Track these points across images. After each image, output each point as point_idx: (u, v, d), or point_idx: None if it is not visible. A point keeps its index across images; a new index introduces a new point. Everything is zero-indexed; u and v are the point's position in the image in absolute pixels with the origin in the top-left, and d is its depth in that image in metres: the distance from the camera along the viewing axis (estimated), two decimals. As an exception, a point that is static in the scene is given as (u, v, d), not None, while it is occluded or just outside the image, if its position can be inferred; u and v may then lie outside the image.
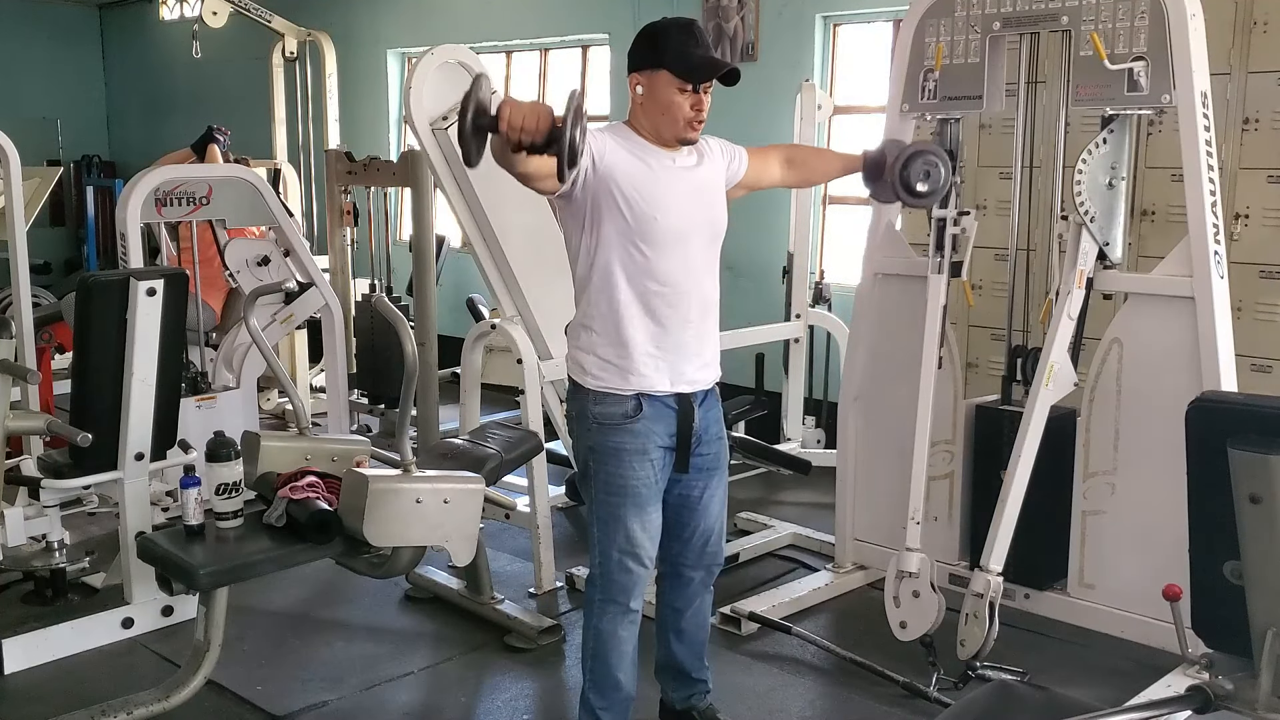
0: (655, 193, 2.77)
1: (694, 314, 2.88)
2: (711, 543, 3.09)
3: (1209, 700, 2.00)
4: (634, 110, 2.84)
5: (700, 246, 2.89)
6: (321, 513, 3.02)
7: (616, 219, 2.76)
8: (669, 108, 2.76)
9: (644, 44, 2.82)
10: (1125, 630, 3.57)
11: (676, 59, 2.74)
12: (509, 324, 4.17)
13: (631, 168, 2.76)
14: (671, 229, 2.79)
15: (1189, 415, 2.04)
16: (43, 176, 6.99)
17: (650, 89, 2.78)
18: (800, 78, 5.76)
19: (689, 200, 2.84)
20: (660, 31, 2.81)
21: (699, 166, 2.90)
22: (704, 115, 2.79)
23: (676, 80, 2.74)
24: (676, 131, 2.79)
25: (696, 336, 2.90)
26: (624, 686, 2.99)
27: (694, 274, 2.87)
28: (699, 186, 2.88)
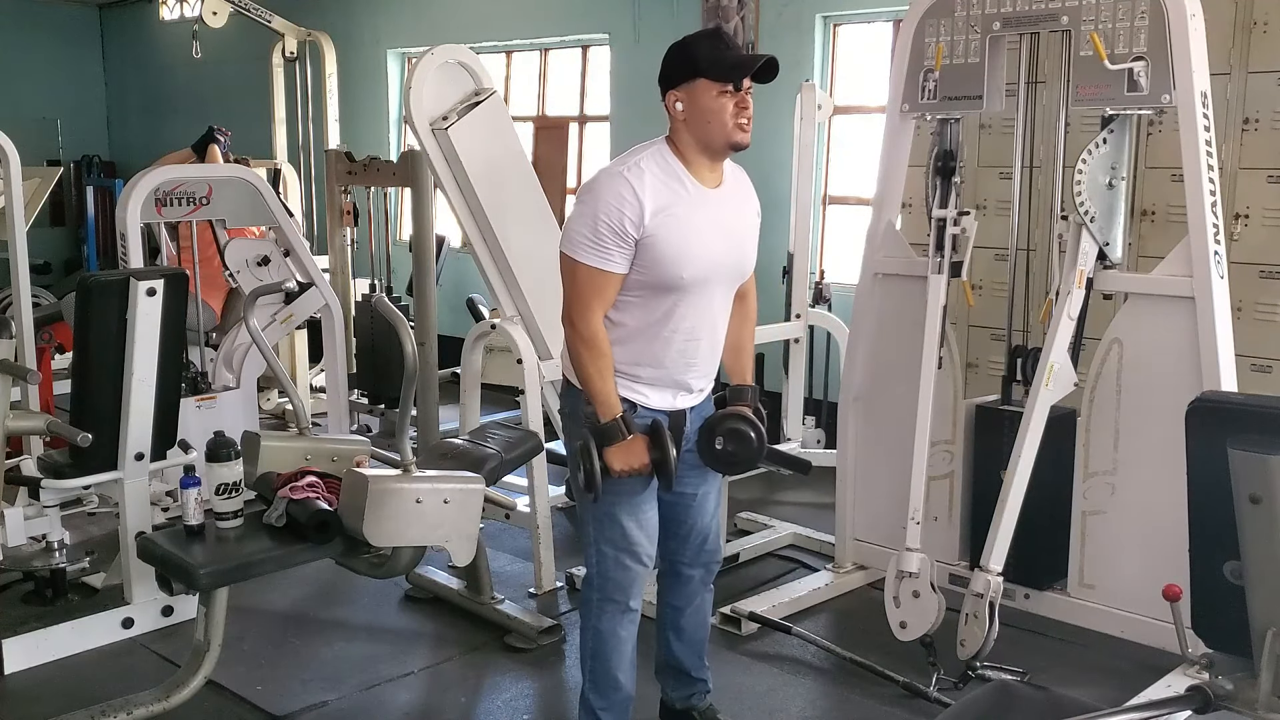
0: (688, 246, 2.71)
1: (700, 356, 2.87)
2: (709, 540, 3.09)
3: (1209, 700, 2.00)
4: (676, 129, 2.77)
5: (723, 290, 2.87)
6: (321, 513, 3.02)
7: (643, 269, 2.73)
8: (714, 114, 2.71)
9: (675, 58, 2.77)
10: (1125, 630, 3.57)
11: (712, 63, 2.70)
12: (509, 324, 4.17)
13: (669, 223, 2.69)
14: (697, 280, 2.76)
15: (1189, 415, 2.05)
16: (43, 176, 6.99)
17: (690, 100, 2.72)
18: (800, 78, 5.76)
19: (719, 245, 2.80)
20: (689, 43, 2.77)
21: (737, 207, 2.87)
22: (749, 113, 2.74)
23: (716, 84, 2.70)
24: (726, 136, 2.73)
25: (699, 372, 2.90)
26: (623, 686, 2.99)
27: (710, 318, 2.86)
28: (732, 229, 2.85)
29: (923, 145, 3.84)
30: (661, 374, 2.83)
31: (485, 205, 4.10)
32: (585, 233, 2.69)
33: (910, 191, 4.17)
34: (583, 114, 7.83)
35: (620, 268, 2.71)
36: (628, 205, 2.67)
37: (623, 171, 2.72)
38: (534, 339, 4.18)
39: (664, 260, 2.71)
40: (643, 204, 2.67)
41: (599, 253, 2.68)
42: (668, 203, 2.71)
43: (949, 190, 3.64)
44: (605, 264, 2.69)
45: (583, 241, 2.70)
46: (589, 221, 2.69)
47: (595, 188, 2.73)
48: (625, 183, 2.69)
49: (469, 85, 4.20)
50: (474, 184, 4.07)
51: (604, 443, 2.74)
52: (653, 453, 2.76)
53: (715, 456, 2.90)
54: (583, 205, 2.73)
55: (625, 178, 2.70)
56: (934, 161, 3.68)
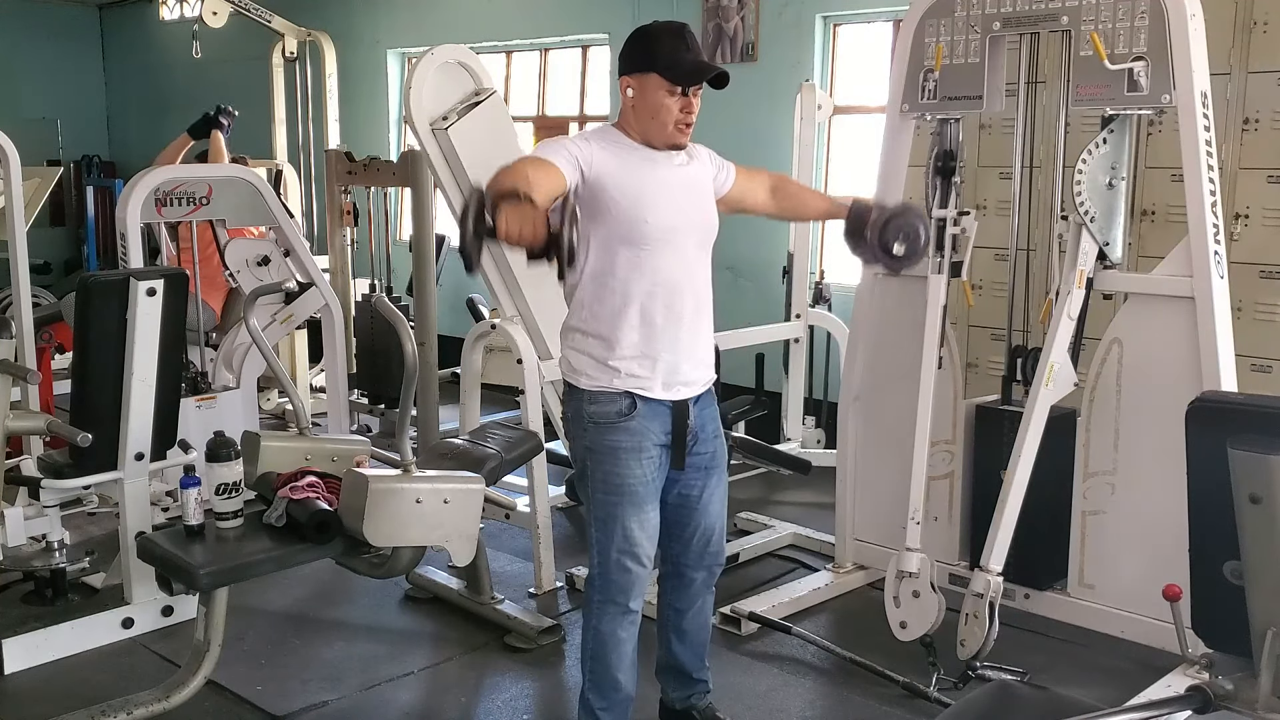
0: (645, 193, 2.78)
1: (688, 311, 2.88)
2: (713, 543, 3.09)
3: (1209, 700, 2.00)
4: (624, 112, 2.86)
5: (693, 246, 2.89)
6: (321, 513, 3.02)
7: (608, 222, 2.77)
8: (658, 110, 2.78)
9: (635, 47, 2.83)
10: (1125, 630, 3.57)
11: (667, 63, 2.76)
12: (509, 324, 4.17)
13: (620, 171, 2.78)
14: (663, 227, 2.80)
15: (1189, 415, 2.04)
16: (43, 176, 7.00)
17: (640, 91, 2.80)
18: (800, 78, 5.76)
19: (681, 199, 2.85)
20: (651, 35, 2.82)
21: (688, 166, 2.92)
22: (692, 118, 2.81)
23: (666, 84, 2.76)
24: (665, 136, 2.81)
25: (691, 334, 2.90)
26: (623, 687, 2.99)
27: (688, 273, 2.87)
28: (689, 185, 2.90)
29: (923, 145, 3.84)
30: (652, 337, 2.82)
31: (485, 205, 4.09)
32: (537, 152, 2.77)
33: (910, 191, 4.16)
34: (582, 114, 7.83)
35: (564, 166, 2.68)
36: (577, 145, 2.78)
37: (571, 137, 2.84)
38: (534, 339, 4.18)
39: (623, 204, 2.74)
40: (592, 148, 2.77)
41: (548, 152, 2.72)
42: (618, 159, 2.79)
43: (949, 190, 3.65)
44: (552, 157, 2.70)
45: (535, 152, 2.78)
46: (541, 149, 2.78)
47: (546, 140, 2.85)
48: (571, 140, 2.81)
49: (469, 85, 4.20)
50: (474, 184, 4.07)
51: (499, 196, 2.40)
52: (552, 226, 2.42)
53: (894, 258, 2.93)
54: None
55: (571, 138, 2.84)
56: (934, 161, 3.68)
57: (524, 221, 2.39)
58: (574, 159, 2.72)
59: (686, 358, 2.89)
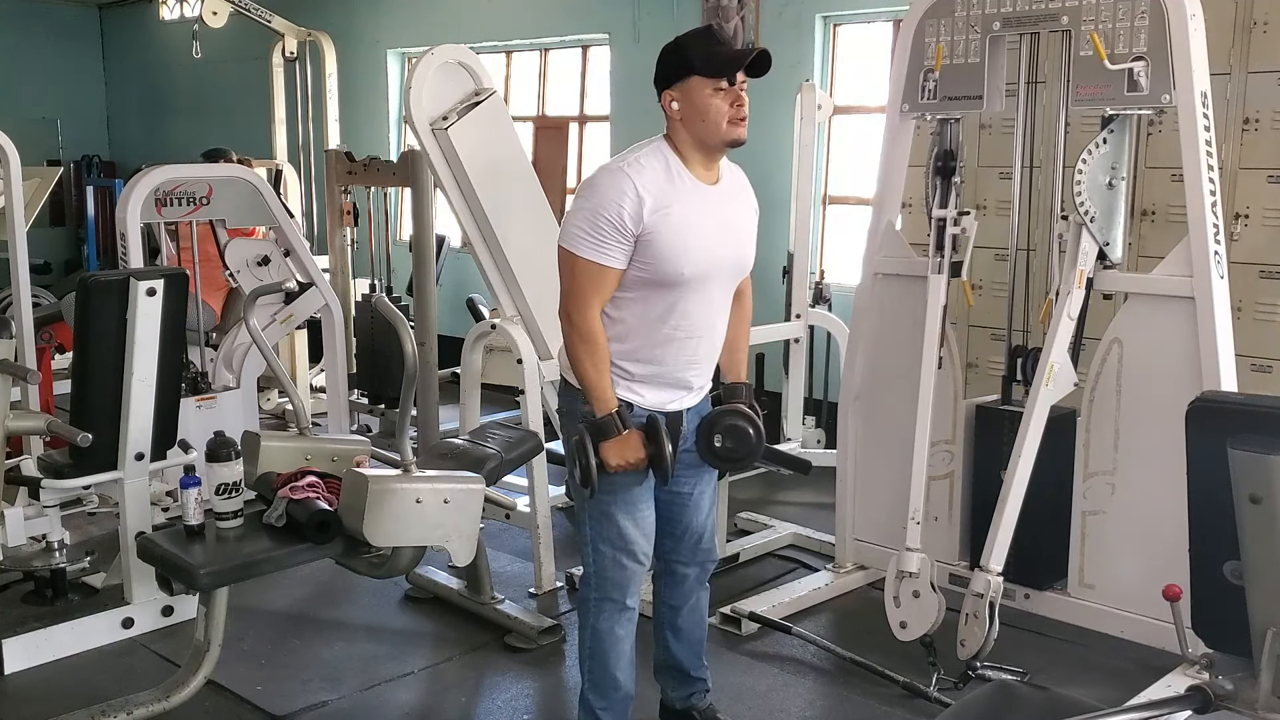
0: (687, 241, 2.71)
1: (701, 354, 2.87)
2: (704, 539, 3.09)
3: (1209, 700, 2.00)
4: (673, 128, 2.78)
5: (722, 286, 2.87)
6: (321, 513, 3.01)
7: (642, 266, 2.72)
8: (708, 111, 2.71)
9: (668, 58, 2.78)
10: (1125, 630, 3.57)
11: (705, 60, 2.71)
12: (509, 324, 4.17)
13: (665, 218, 2.69)
14: (698, 277, 2.76)
15: (1189, 415, 2.04)
16: (43, 176, 7.00)
17: (685, 98, 2.73)
18: (800, 78, 5.76)
19: (719, 241, 2.80)
20: (682, 42, 2.79)
21: (735, 202, 2.87)
22: (744, 111, 2.75)
23: (709, 80, 2.71)
24: (722, 134, 2.74)
25: (699, 371, 2.90)
26: (623, 685, 2.99)
27: (710, 314, 2.86)
28: (731, 224, 2.85)
29: (923, 145, 3.84)
30: (660, 371, 2.83)
31: (485, 205, 4.10)
32: (585, 227, 2.69)
33: (910, 191, 4.17)
34: (583, 114, 7.83)
35: (619, 263, 2.70)
36: (628, 200, 2.67)
37: (623, 167, 2.72)
38: (534, 339, 4.18)
39: (664, 257, 2.70)
40: (642, 200, 2.67)
41: (598, 248, 2.68)
42: (667, 199, 2.71)
43: (949, 190, 3.64)
44: (604, 259, 2.69)
45: (582, 236, 2.70)
46: (589, 216, 2.69)
47: (595, 183, 2.73)
48: (626, 178, 2.69)
49: (469, 85, 4.20)
50: (474, 184, 4.07)
51: (600, 438, 2.73)
52: (648, 448, 2.75)
53: (715, 454, 2.90)
54: (582, 200, 2.73)
55: (626, 173, 2.70)
56: (934, 161, 3.68)
57: (628, 455, 2.74)
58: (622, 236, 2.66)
59: (688, 385, 2.89)
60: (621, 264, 2.71)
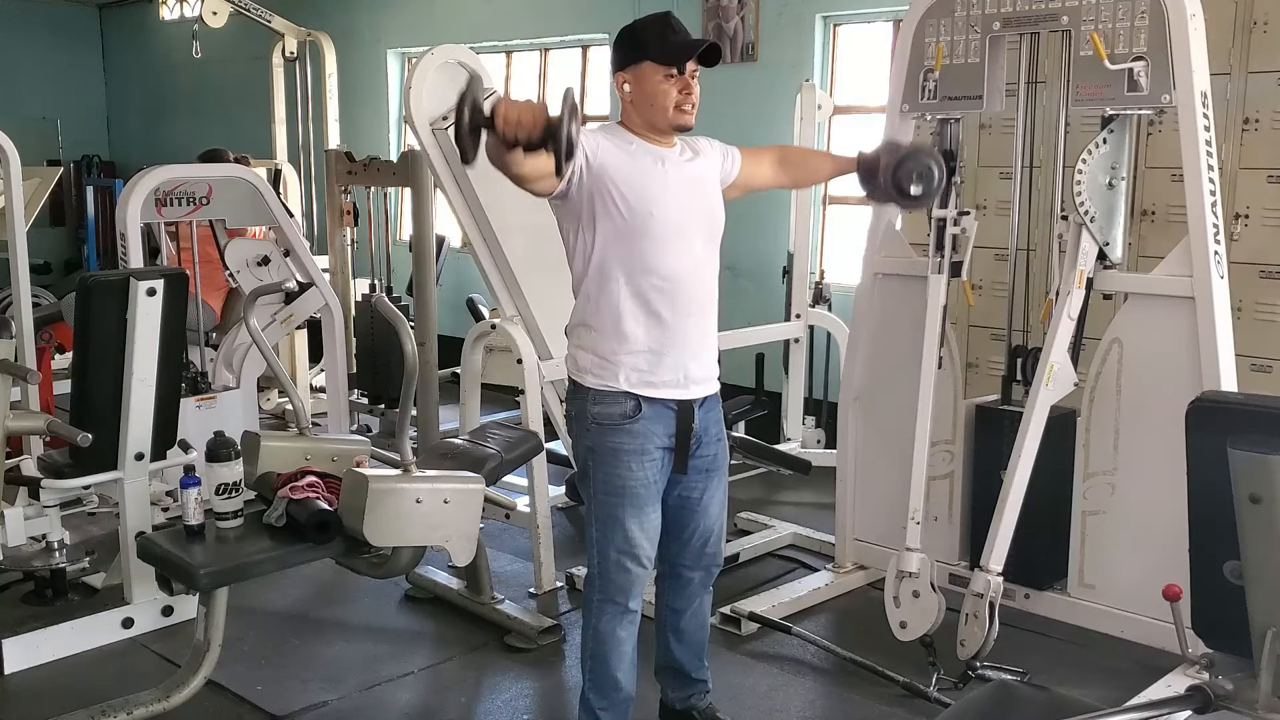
0: (650, 187, 2.78)
1: (695, 308, 2.87)
2: (711, 544, 3.09)
3: (1209, 700, 2.00)
4: (625, 110, 2.86)
5: (700, 241, 2.88)
6: (321, 513, 3.02)
7: (613, 216, 2.76)
8: (657, 96, 2.78)
9: (624, 41, 2.84)
10: (1125, 630, 3.57)
11: (658, 48, 2.77)
12: (509, 324, 4.17)
13: (626, 164, 2.77)
14: (670, 222, 2.79)
15: (1189, 415, 2.05)
16: (43, 176, 6.99)
17: (637, 82, 2.80)
18: (800, 78, 5.76)
19: (686, 194, 2.84)
20: (637, 27, 2.84)
21: (694, 161, 2.91)
22: (694, 98, 2.80)
23: (661, 67, 2.76)
24: (669, 119, 2.80)
25: (699, 332, 2.89)
26: (623, 686, 2.99)
27: (695, 269, 2.87)
28: (695, 180, 2.89)
29: (923, 145, 3.84)
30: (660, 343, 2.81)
31: (485, 205, 4.10)
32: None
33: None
34: (583, 114, 7.82)
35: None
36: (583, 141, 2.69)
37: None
38: (534, 339, 4.18)
39: (629, 198, 2.73)
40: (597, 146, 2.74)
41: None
42: (623, 155, 2.77)
43: (949, 190, 3.64)
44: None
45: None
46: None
47: None
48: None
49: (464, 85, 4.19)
50: (474, 184, 4.07)
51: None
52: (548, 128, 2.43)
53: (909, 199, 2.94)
54: None
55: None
56: (934, 161, 3.68)
57: (523, 110, 2.41)
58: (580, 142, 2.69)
59: (694, 356, 2.88)
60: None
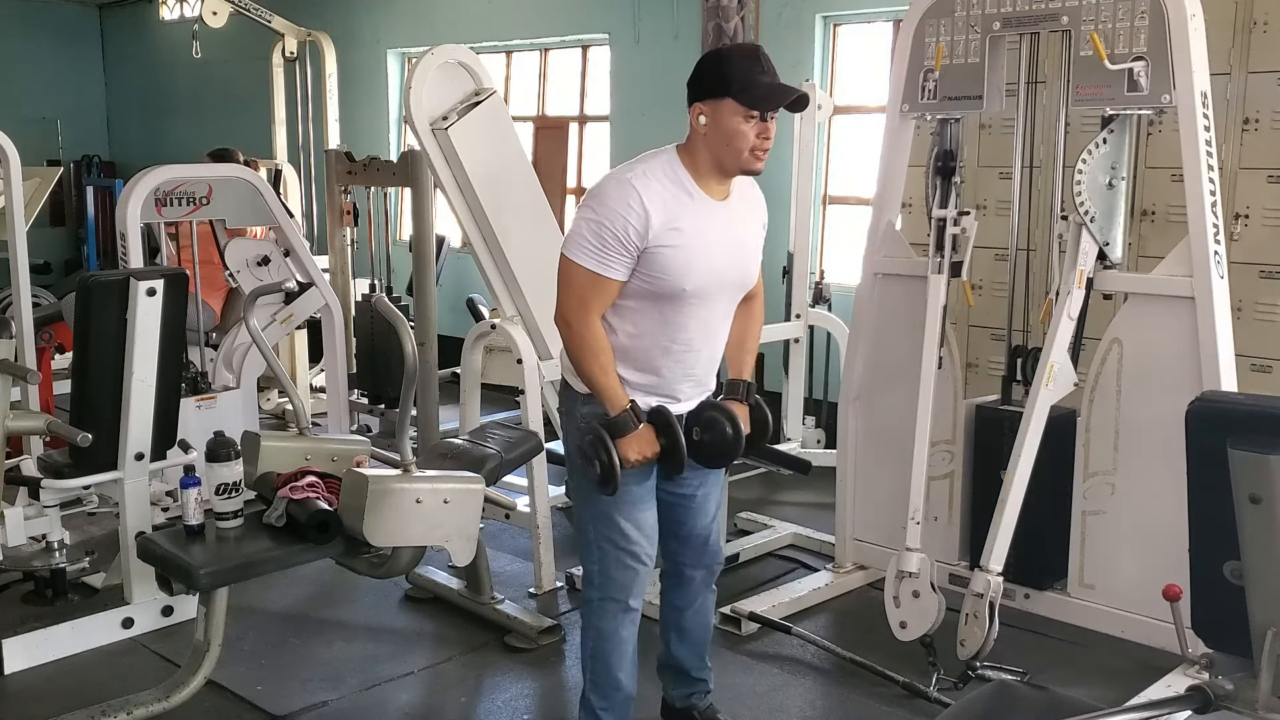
0: (693, 260, 2.70)
1: (698, 369, 2.87)
2: (711, 541, 3.09)
3: (1209, 700, 2.00)
4: (693, 140, 2.74)
5: (725, 301, 2.86)
6: (321, 513, 3.02)
7: (646, 278, 2.71)
8: (734, 137, 2.67)
9: (708, 72, 2.72)
10: (1125, 630, 3.57)
11: (743, 87, 2.65)
12: (509, 324, 4.17)
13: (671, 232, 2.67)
14: (700, 293, 2.75)
15: (1189, 415, 2.04)
16: (43, 176, 6.99)
17: (715, 118, 2.68)
18: (800, 78, 5.76)
19: (725, 260, 2.78)
20: (725, 58, 2.74)
21: (744, 219, 2.85)
22: (769, 144, 2.71)
23: (742, 109, 2.66)
24: (740, 163, 2.72)
25: (693, 384, 2.88)
26: (624, 686, 2.99)
27: (711, 330, 2.85)
28: (738, 245, 2.83)
29: (923, 145, 3.84)
30: (656, 382, 2.82)
31: (485, 205, 4.10)
32: (589, 238, 2.68)
33: (910, 191, 4.17)
34: (583, 114, 7.83)
35: (620, 275, 2.69)
36: (634, 215, 2.65)
37: (631, 179, 2.69)
38: (534, 339, 4.18)
39: (668, 272, 2.69)
40: (649, 214, 2.65)
41: (601, 259, 2.67)
42: (674, 214, 2.69)
43: (949, 190, 3.65)
44: (606, 270, 2.68)
45: (586, 247, 2.68)
46: (594, 228, 2.67)
47: (603, 194, 2.71)
48: (633, 191, 2.67)
49: (469, 85, 4.20)
50: (474, 184, 4.07)
51: (617, 434, 2.73)
52: (662, 440, 2.77)
53: (693, 447, 2.85)
54: (588, 210, 2.71)
55: (633, 185, 2.67)
56: (934, 161, 3.68)
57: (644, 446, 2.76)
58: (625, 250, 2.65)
59: (685, 388, 2.88)
60: (623, 276, 2.70)
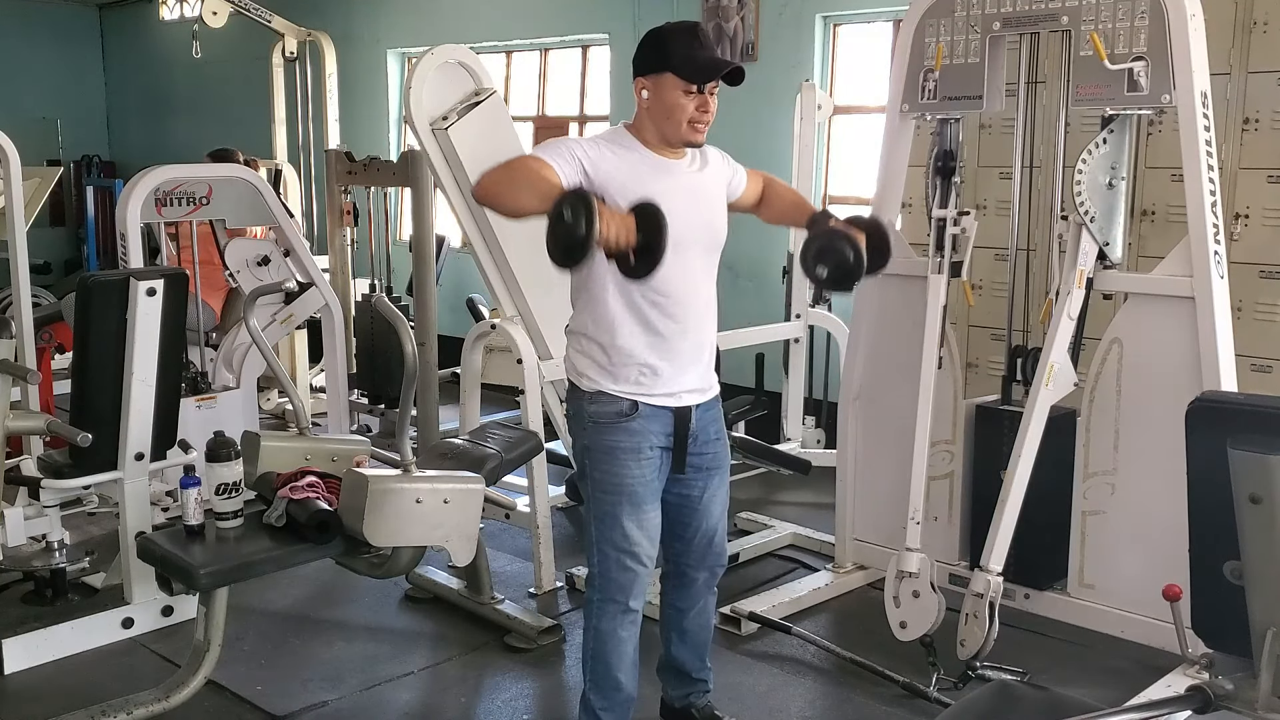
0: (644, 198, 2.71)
1: (691, 323, 2.87)
2: (714, 543, 3.09)
3: (1209, 700, 2.00)
4: (639, 115, 2.84)
5: (698, 254, 2.87)
6: (321, 513, 3.02)
7: None
8: (674, 110, 2.76)
9: (649, 47, 2.81)
10: (1125, 630, 3.57)
11: (682, 61, 2.74)
12: (509, 324, 4.17)
13: (626, 176, 2.75)
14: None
15: (1189, 415, 2.05)
16: (43, 176, 6.99)
17: (656, 92, 2.78)
18: (800, 78, 5.76)
19: (687, 207, 2.80)
20: (665, 34, 2.81)
21: (701, 172, 2.90)
22: (709, 117, 2.79)
23: (681, 82, 2.74)
24: (680, 134, 2.79)
25: (695, 345, 2.89)
26: (624, 687, 2.98)
27: (692, 282, 2.85)
28: (698, 192, 2.87)
29: (923, 145, 3.84)
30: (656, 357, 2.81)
31: (485, 205, 4.09)
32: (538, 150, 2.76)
33: (910, 191, 4.17)
34: (583, 114, 7.83)
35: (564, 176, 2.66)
36: (578, 144, 2.76)
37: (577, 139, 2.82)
38: (534, 339, 4.18)
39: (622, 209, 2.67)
40: (597, 154, 2.74)
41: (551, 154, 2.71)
42: (622, 164, 2.77)
43: (949, 190, 3.65)
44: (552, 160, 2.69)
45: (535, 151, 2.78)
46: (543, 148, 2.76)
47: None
48: (577, 143, 2.79)
49: (469, 85, 4.20)
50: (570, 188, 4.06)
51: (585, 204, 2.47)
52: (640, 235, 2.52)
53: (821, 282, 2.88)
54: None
55: (578, 141, 2.81)
56: (934, 161, 3.68)
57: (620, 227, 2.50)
58: (576, 160, 2.71)
59: (691, 367, 2.88)
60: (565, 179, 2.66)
